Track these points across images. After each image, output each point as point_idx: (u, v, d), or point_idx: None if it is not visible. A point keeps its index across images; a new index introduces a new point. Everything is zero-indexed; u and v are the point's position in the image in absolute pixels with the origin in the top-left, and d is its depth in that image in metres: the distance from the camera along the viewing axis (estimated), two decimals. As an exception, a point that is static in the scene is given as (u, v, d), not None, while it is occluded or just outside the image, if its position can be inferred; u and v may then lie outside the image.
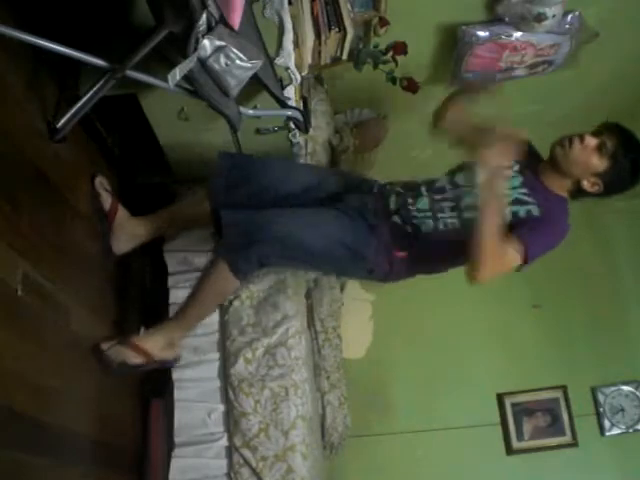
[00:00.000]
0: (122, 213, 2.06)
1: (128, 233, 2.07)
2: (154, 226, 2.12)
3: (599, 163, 1.84)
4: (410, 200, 1.98)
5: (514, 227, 1.84)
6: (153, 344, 1.94)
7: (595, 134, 1.87)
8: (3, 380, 1.42)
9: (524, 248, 1.82)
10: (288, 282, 2.29)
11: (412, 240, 1.94)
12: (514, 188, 1.88)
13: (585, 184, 1.89)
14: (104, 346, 1.90)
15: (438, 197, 1.96)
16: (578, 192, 1.92)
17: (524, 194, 1.88)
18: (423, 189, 2.01)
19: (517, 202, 1.87)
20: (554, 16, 2.30)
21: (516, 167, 1.93)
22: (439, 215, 1.93)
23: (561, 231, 1.91)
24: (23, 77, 1.67)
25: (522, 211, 1.87)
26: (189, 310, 1.98)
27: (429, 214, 1.93)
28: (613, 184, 1.88)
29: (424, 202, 1.96)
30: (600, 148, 1.84)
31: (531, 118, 3.00)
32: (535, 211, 1.87)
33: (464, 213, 1.90)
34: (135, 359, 1.92)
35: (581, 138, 1.86)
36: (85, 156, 2.05)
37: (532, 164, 1.96)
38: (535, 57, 2.50)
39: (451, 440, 3.19)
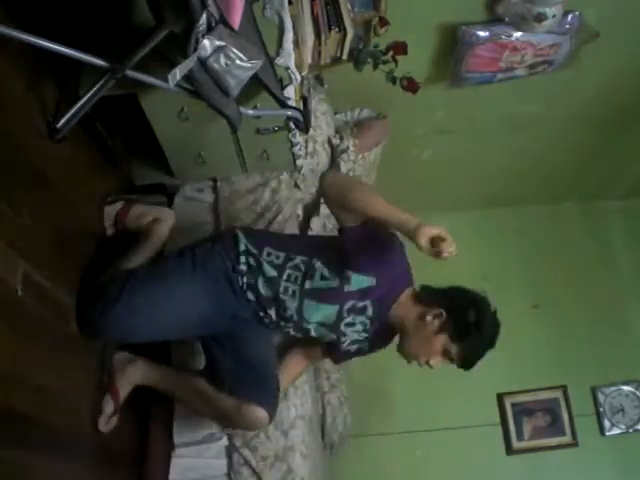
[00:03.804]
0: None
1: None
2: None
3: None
4: None
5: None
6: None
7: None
8: (3, 380, 1.42)
9: None
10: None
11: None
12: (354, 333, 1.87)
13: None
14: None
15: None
16: None
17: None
18: None
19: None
20: (554, 16, 2.30)
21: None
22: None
23: None
24: (23, 77, 1.67)
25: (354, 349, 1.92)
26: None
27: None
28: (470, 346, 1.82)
29: None
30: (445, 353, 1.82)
31: (531, 118, 3.01)
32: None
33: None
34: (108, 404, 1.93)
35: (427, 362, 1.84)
36: (85, 156, 2.05)
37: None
38: (535, 57, 2.50)
39: (451, 440, 3.20)
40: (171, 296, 1.80)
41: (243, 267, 1.82)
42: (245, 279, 1.83)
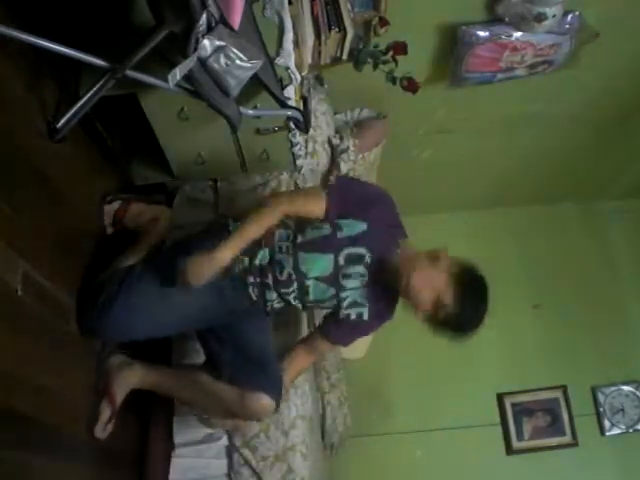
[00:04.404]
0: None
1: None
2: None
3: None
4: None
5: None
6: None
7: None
8: (3, 380, 1.42)
9: None
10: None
11: None
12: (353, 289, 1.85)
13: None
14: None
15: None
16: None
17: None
18: None
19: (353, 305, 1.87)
20: (554, 16, 2.30)
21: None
22: None
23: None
24: (23, 77, 1.67)
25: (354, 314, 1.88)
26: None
27: None
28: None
29: None
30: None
31: (531, 118, 3.01)
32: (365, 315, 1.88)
33: None
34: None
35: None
36: (85, 156, 2.05)
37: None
38: (535, 57, 2.50)
39: (451, 440, 3.20)
40: (169, 292, 1.80)
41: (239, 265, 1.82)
42: (241, 265, 1.81)
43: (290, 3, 1.80)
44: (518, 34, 2.39)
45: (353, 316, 1.88)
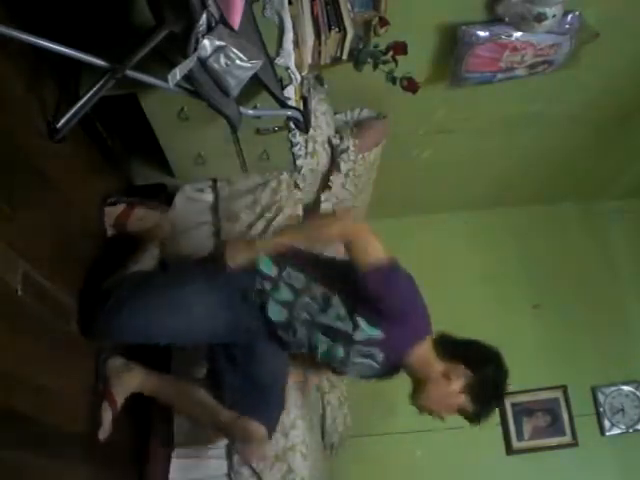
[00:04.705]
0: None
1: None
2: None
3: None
4: None
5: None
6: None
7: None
8: (3, 380, 1.42)
9: None
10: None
11: None
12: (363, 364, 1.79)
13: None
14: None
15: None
16: None
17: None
18: None
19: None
20: (554, 16, 2.30)
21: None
22: None
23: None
24: (23, 77, 1.67)
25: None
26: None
27: None
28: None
29: None
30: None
31: (531, 118, 3.01)
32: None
33: None
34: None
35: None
36: (85, 156, 2.05)
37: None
38: (535, 57, 2.49)
39: (451, 440, 3.19)
40: (184, 302, 1.78)
41: (258, 286, 1.78)
42: (259, 299, 1.79)
43: (290, 3, 1.80)
44: (518, 34, 2.39)
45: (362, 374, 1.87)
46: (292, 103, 1.87)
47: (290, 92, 1.89)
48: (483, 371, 1.76)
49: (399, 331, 1.73)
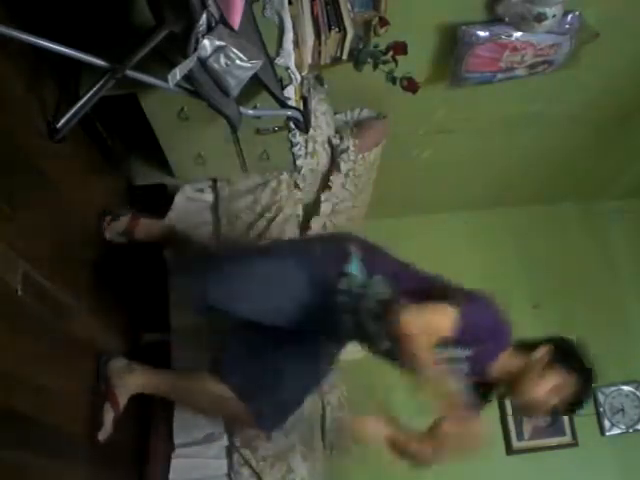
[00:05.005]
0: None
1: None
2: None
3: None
4: None
5: None
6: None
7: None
8: (3, 380, 1.42)
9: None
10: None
11: None
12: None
13: None
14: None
15: None
16: None
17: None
18: None
19: None
20: (554, 16, 2.30)
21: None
22: None
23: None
24: (23, 77, 1.67)
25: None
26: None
27: None
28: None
29: None
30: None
31: (531, 118, 3.01)
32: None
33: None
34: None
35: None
36: (85, 156, 2.05)
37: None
38: (535, 57, 2.49)
39: (451, 440, 3.19)
40: (282, 279, 1.77)
41: (341, 287, 1.76)
42: (340, 298, 1.76)
43: (290, 3, 1.80)
44: (518, 34, 2.39)
45: None
46: (292, 103, 1.88)
47: (290, 92, 1.89)
48: (562, 343, 1.86)
49: (484, 349, 1.77)
